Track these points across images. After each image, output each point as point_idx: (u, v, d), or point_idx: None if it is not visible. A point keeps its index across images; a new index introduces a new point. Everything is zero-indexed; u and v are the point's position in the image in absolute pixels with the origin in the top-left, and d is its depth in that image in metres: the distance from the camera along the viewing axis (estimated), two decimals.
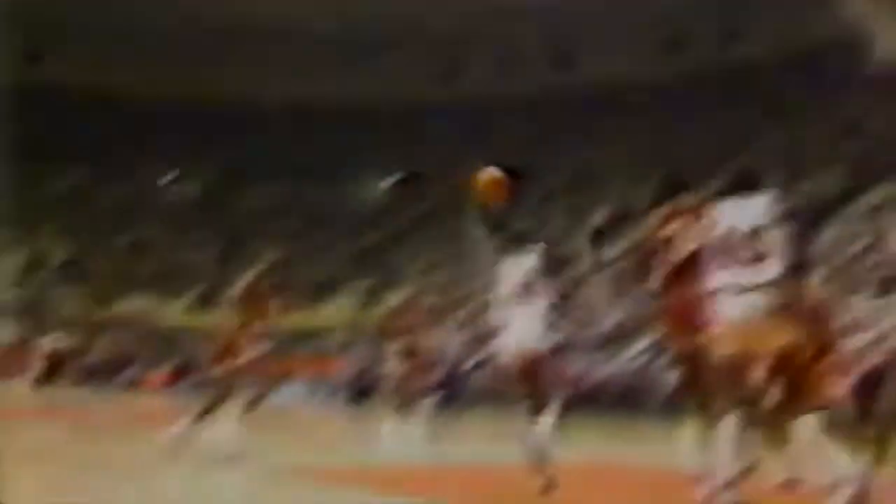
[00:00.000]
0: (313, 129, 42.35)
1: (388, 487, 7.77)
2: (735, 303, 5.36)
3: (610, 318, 22.52)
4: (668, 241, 6.22)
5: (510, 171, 7.99)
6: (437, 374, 22.79)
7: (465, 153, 39.98)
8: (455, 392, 20.49)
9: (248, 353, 9.56)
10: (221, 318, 10.46)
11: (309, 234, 42.26)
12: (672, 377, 6.37)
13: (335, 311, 35.61)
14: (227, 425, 9.50)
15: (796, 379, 5.50)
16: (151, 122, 42.35)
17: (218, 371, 9.52)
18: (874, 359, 10.95)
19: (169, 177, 45.74)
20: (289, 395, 22.72)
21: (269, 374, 10.03)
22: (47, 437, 12.77)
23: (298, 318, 30.76)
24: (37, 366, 29.94)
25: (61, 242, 39.73)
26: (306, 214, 42.69)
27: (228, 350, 9.62)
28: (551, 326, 7.73)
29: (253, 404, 9.47)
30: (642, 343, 19.83)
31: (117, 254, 40.14)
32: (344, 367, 27.86)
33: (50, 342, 31.06)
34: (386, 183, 45.64)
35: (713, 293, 5.46)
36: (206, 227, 42.51)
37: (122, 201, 41.84)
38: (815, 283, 6.19)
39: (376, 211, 43.00)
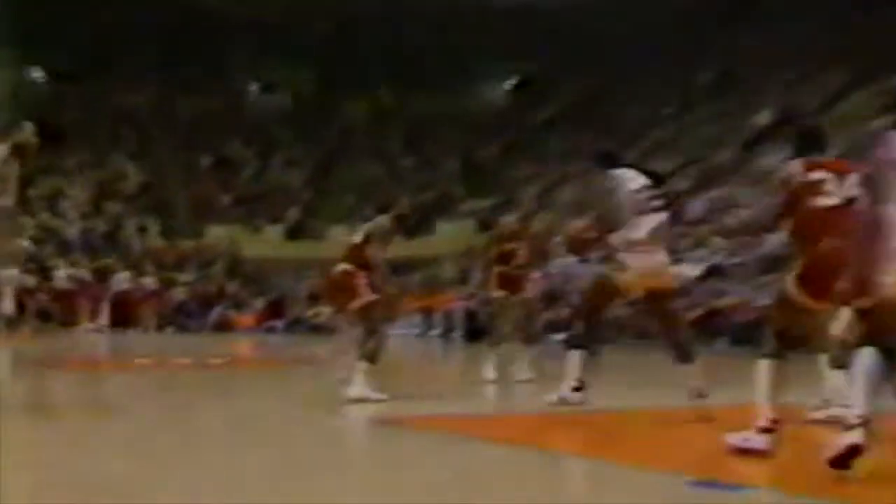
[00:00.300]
0: (415, 31, 42.16)
1: (513, 438, 7.72)
2: None
3: (771, 240, 22.07)
4: (812, 188, 6.54)
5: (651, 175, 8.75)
6: (565, 310, 22.70)
7: (591, 53, 39.53)
8: (589, 331, 20.32)
9: (365, 295, 10.07)
10: (328, 250, 11.05)
11: (414, 149, 42.31)
12: None
13: (446, 236, 35.62)
14: (346, 372, 10.01)
15: None
16: (234, 25, 42.59)
17: (327, 313, 10.17)
18: None
19: (255, 88, 46.12)
20: (398, 334, 22.85)
21: (382, 315, 10.36)
22: (122, 391, 12.95)
23: (404, 247, 30.97)
24: (110, 308, 30.63)
25: (135, 166, 40.35)
26: (410, 126, 42.71)
27: (345, 291, 10.14)
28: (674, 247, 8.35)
29: (372, 354, 9.91)
30: None
31: (198, 177, 40.67)
32: (456, 302, 27.89)
33: (125, 281, 31.76)
34: (501, 89, 45.37)
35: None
36: (298, 144, 42.84)
37: (202, 117, 42.23)
38: None
39: (491, 121, 42.77)
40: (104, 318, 30.39)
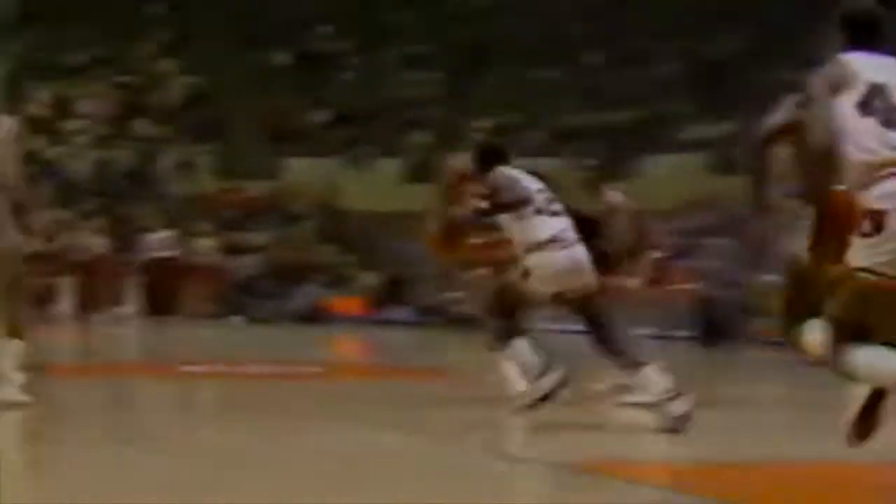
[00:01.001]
0: None
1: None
2: None
3: None
4: None
5: None
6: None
7: None
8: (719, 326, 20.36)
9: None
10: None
11: (606, 40, 42.11)
12: None
13: (661, 179, 35.40)
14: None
15: None
16: None
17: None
18: None
19: None
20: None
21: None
22: (159, 410, 13.09)
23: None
24: (140, 285, 30.84)
25: (177, 66, 40.81)
26: (598, 3, 42.46)
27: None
28: None
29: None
30: None
31: (272, 85, 40.95)
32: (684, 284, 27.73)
33: (162, 245, 31.78)
34: None
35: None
36: (426, 33, 42.90)
37: None
38: None
39: None
40: (131, 300, 30.75)
